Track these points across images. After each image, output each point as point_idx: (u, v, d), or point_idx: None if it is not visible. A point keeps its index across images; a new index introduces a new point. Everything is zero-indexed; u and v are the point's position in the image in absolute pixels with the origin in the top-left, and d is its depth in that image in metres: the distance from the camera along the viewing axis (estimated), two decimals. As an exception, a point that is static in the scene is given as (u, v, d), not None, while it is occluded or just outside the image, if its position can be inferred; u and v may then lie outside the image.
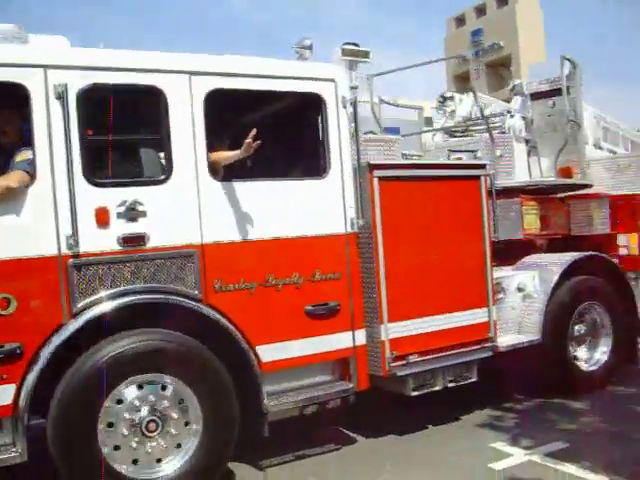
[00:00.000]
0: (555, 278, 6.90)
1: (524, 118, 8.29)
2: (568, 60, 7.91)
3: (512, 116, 8.20)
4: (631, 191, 8.99)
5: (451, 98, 8.69)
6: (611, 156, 10.24)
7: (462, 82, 53.02)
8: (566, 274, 7.01)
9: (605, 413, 6.47)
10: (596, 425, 6.13)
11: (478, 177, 6.28)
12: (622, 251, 8.58)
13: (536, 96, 8.34)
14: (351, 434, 6.10)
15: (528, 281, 6.96)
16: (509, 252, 7.72)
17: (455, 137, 8.57)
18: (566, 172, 8.07)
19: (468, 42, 50.78)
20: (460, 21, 53.05)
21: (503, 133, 8.03)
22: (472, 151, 7.34)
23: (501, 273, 7.02)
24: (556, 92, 7.89)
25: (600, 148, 10.94)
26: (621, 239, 8.59)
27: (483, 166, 6.44)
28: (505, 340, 6.55)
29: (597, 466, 4.93)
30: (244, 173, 5.43)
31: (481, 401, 6.80)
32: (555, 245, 8.24)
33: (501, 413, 6.61)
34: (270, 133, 5.33)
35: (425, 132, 9.29)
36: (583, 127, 8.29)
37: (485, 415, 6.55)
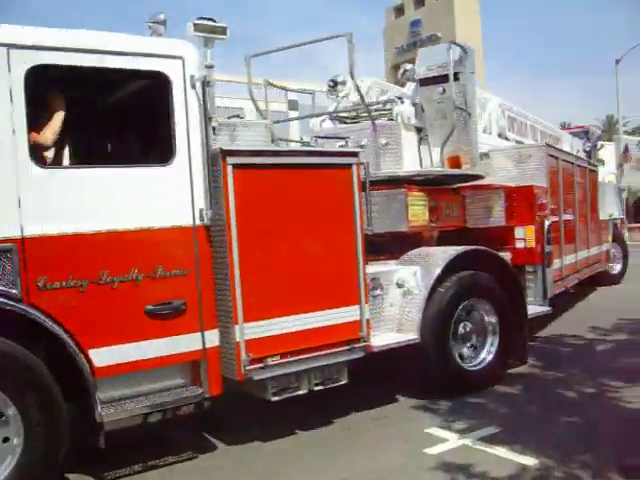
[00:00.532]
0: (436, 273, 6.53)
1: (415, 105, 7.89)
2: (458, 46, 7.55)
3: (402, 102, 7.77)
4: (534, 182, 8.83)
5: (343, 83, 8.20)
6: (514, 146, 10.09)
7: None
8: (449, 269, 6.65)
9: (535, 398, 6.53)
10: (526, 409, 6.18)
11: (349, 166, 5.82)
12: (519, 244, 8.39)
13: (425, 82, 7.89)
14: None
15: (409, 276, 6.58)
16: (397, 245, 7.41)
17: (345, 124, 8.12)
18: (454, 162, 7.70)
19: (407, 32, 50.74)
20: (399, 11, 52.87)
21: (392, 120, 7.65)
22: (342, 138, 6.91)
23: (379, 268, 6.68)
24: (446, 78, 7.47)
25: (506, 138, 10.73)
26: (518, 231, 8.39)
27: (355, 154, 5.97)
28: (381, 340, 6.19)
29: (528, 449, 5.04)
30: (81, 159, 4.94)
31: (413, 386, 6.88)
32: (450, 238, 7.94)
33: (433, 398, 6.57)
34: (109, 115, 4.86)
35: (302, 118, 8.77)
36: (475, 115, 7.98)
37: (419, 401, 6.53)
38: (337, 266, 5.73)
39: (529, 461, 4.85)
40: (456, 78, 7.53)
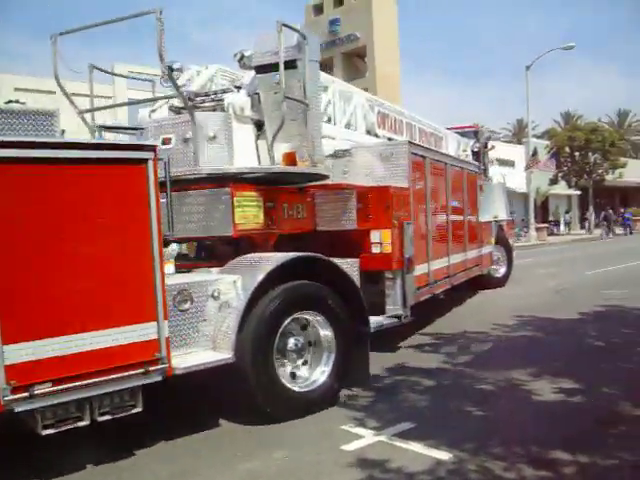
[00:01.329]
0: (256, 283, 5.69)
1: (252, 95, 7.13)
2: (296, 31, 6.81)
3: (238, 92, 7.08)
4: (396, 182, 8.39)
5: (179, 70, 7.37)
6: (377, 143, 9.64)
7: (320, 69, 52.70)
8: (275, 278, 5.87)
9: (448, 393, 6.64)
10: (440, 404, 6.24)
11: (144, 161, 4.94)
12: (375, 249, 7.95)
13: (261, 69, 7.00)
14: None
15: (227, 287, 5.76)
16: (229, 252, 6.71)
17: (181, 114, 7.29)
18: (289, 159, 6.85)
19: (326, 31, 50.27)
20: (318, 9, 52.38)
21: (223, 111, 6.88)
22: (135, 129, 6.11)
23: (190, 278, 5.91)
24: (286, 66, 6.54)
25: (376, 135, 10.20)
26: (374, 235, 7.94)
27: (150, 148, 5.05)
28: (186, 361, 5.33)
29: (442, 443, 5.09)
30: None
31: None
32: (299, 243, 7.42)
33: (349, 395, 6.59)
34: None
35: (121, 105, 7.86)
36: (317, 107, 7.16)
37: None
38: (126, 278, 4.89)
39: (444, 455, 4.89)
40: (293, 66, 6.73)
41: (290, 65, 6.68)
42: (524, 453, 4.87)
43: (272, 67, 6.73)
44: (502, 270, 15.63)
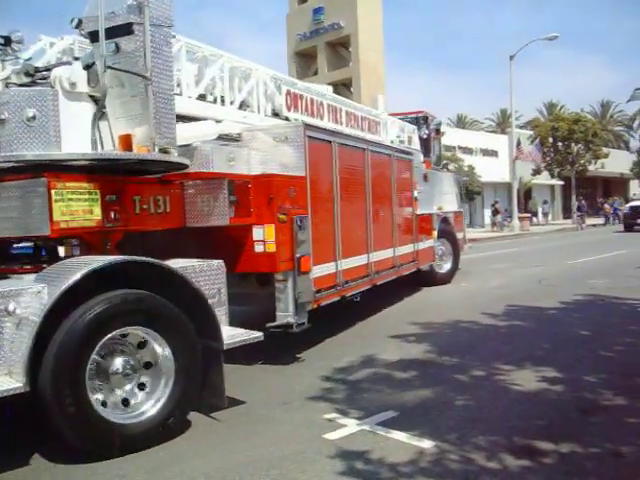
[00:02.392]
0: (56, 294, 4.61)
1: (90, 67, 5.70)
2: None
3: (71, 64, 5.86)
4: (293, 170, 7.54)
5: (19, 41, 6.21)
6: (270, 126, 8.43)
7: (304, 58, 52.46)
8: (86, 288, 4.77)
9: (430, 383, 6.62)
10: (423, 394, 6.23)
11: None
12: (258, 247, 7.07)
13: (95, 37, 5.54)
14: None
15: (28, 299, 4.67)
16: (49, 255, 5.82)
17: None
18: (124, 142, 5.65)
19: (309, 20, 50.05)
20: (302, -2, 52.02)
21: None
22: None
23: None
24: (120, 31, 5.55)
25: (286, 118, 9.53)
26: (257, 232, 7.08)
27: None
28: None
29: (425, 433, 5.12)
30: None
31: (313, 373, 7.09)
32: (161, 242, 6.75)
33: (332, 385, 6.66)
34: None
35: None
36: (167, 83, 5.94)
37: (317, 388, 6.57)
38: None
39: (426, 444, 4.90)
40: (129, 31, 5.61)
41: (125, 30, 5.63)
42: (506, 442, 4.89)
43: (108, 33, 5.51)
44: (447, 266, 14.75)
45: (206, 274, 5.92)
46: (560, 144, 46.06)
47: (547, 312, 10.39)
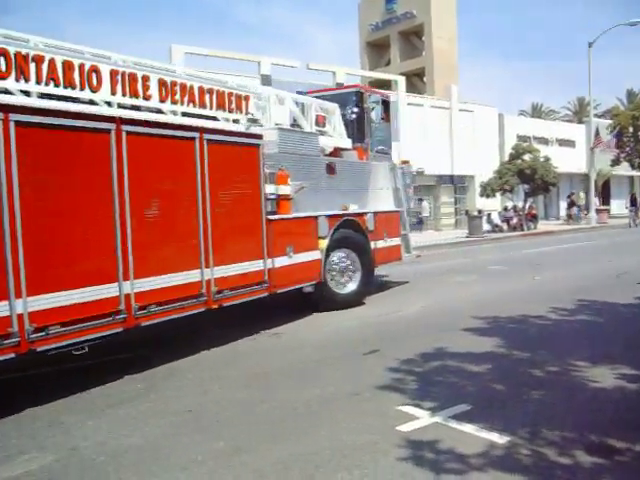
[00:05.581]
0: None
1: None
2: None
3: None
4: None
5: None
6: None
7: (376, 49, 52.22)
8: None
9: (504, 377, 6.56)
10: (496, 388, 6.20)
11: None
12: None
13: None
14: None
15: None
16: None
17: None
18: None
19: (382, 9, 49.77)
20: (375, -12, 51.73)
21: None
22: None
23: None
24: None
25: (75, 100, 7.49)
26: None
27: None
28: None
29: (497, 427, 5.11)
30: None
31: (383, 365, 7.10)
32: None
33: (403, 376, 6.68)
34: None
35: None
36: None
37: (388, 379, 6.60)
38: None
39: (498, 439, 4.91)
40: None
41: None
42: (580, 439, 4.85)
43: None
44: (352, 285, 11.48)
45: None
46: (641, 133, 44.35)
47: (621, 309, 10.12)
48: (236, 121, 9.75)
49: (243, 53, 29.86)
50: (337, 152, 12.39)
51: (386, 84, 39.26)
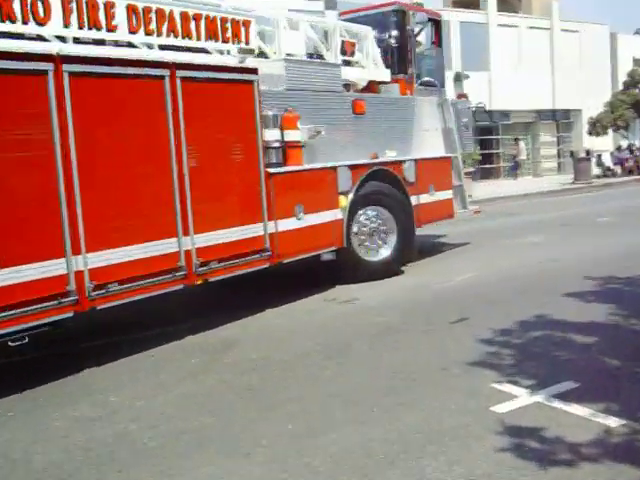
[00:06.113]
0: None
1: None
2: None
3: None
4: None
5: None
6: None
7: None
8: None
9: (617, 350, 6.40)
10: (608, 363, 6.07)
11: None
12: None
13: None
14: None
15: None
16: None
17: None
18: None
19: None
20: None
21: None
22: None
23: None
24: None
25: None
26: None
27: None
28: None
29: (611, 409, 4.99)
30: None
31: (474, 336, 7.08)
32: None
33: (496, 349, 6.62)
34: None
35: None
36: None
37: (480, 352, 6.55)
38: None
39: (613, 422, 4.78)
40: None
41: None
42: None
43: None
44: (384, 250, 10.80)
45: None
46: None
47: None
48: (224, 53, 8.90)
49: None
50: (373, 86, 11.81)
51: (474, 2, 38.27)
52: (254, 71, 8.55)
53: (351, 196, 10.02)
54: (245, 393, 5.98)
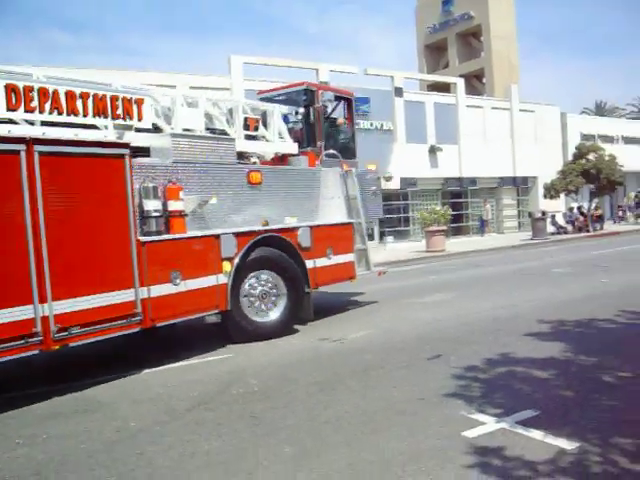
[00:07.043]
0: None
1: None
2: None
3: None
4: None
5: None
6: None
7: (434, 51, 51.90)
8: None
9: (571, 382, 6.47)
10: (563, 394, 6.11)
11: None
12: None
13: None
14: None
15: None
16: None
17: None
18: None
19: (439, 12, 49.51)
20: (431, -11, 51.49)
21: None
22: None
23: None
24: None
25: None
26: None
27: None
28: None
29: (566, 433, 5.03)
30: None
31: (447, 370, 7.07)
32: None
33: (466, 382, 6.63)
34: None
35: None
36: None
37: (452, 385, 6.57)
38: None
39: (568, 445, 4.81)
40: None
41: None
42: (654, 447, 4.71)
43: None
44: (274, 313, 9.83)
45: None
46: None
47: None
48: (108, 128, 8.52)
49: (301, 61, 30.10)
50: (284, 159, 11.42)
51: (445, 87, 38.96)
52: (125, 146, 7.90)
53: (237, 261, 9.14)
54: (248, 420, 5.96)
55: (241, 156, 10.42)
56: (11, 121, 7.63)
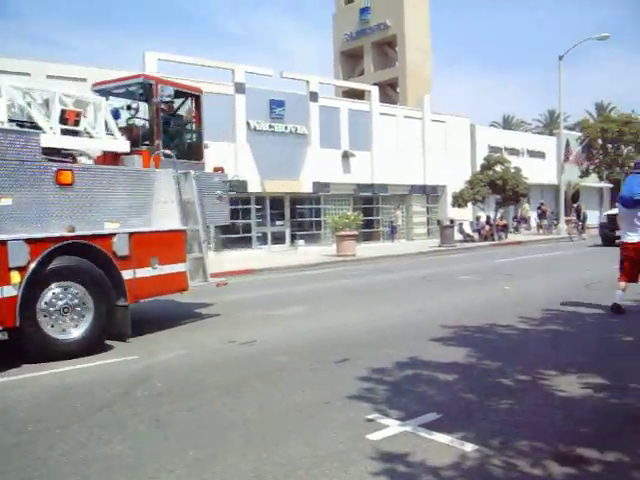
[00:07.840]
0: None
1: None
2: None
3: None
4: None
5: None
6: None
7: (350, 58, 52.47)
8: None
9: (473, 386, 6.52)
10: (465, 397, 6.15)
11: None
12: None
13: None
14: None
15: None
16: None
17: None
18: None
19: (356, 20, 50.08)
20: (349, -2, 52.08)
21: None
22: None
23: None
24: None
25: None
26: None
27: None
28: None
29: (467, 436, 5.07)
30: None
31: (353, 374, 7.05)
32: None
33: (372, 385, 6.61)
34: None
35: None
36: None
37: (358, 388, 6.52)
38: None
39: (469, 448, 4.85)
40: None
41: None
42: (550, 449, 4.80)
43: None
44: (77, 330, 8.52)
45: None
46: (610, 146, 45.15)
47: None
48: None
49: (218, 60, 29.72)
50: (117, 157, 10.40)
51: (360, 94, 39.39)
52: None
53: (29, 272, 7.78)
54: (152, 423, 5.74)
55: (58, 153, 9.30)
56: None
